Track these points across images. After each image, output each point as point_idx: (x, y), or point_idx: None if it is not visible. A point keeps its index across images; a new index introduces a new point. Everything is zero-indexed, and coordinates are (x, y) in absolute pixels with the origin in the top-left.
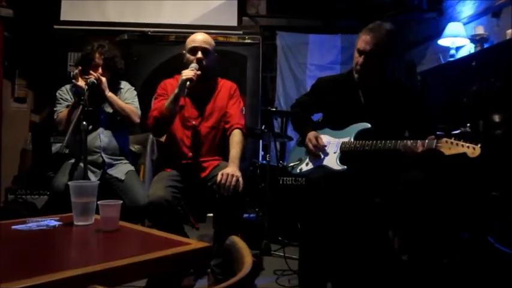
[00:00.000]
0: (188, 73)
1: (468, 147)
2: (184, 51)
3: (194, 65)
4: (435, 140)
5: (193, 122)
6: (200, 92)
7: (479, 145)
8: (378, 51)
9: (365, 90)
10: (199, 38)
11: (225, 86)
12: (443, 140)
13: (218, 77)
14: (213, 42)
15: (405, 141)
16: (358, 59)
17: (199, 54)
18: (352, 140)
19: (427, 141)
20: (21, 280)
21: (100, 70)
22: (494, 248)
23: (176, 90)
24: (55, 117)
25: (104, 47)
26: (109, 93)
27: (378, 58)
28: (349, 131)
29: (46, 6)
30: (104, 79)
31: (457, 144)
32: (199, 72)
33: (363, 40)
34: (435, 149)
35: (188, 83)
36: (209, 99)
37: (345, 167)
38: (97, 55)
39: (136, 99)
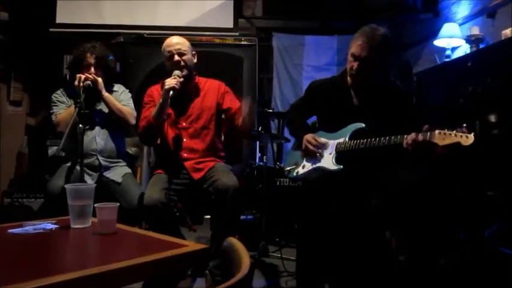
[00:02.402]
0: (171, 82)
1: (461, 136)
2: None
3: (177, 73)
4: (428, 132)
5: (184, 124)
6: (186, 92)
7: (472, 133)
8: (372, 57)
9: (357, 92)
10: (172, 42)
11: (212, 86)
12: (436, 131)
13: (201, 77)
14: (187, 43)
15: (399, 136)
16: (353, 63)
17: (176, 57)
18: (347, 140)
19: (421, 133)
20: (18, 284)
21: (92, 69)
22: (491, 247)
23: (161, 100)
24: (53, 118)
25: (95, 47)
26: (106, 94)
27: (371, 63)
28: (344, 131)
29: (41, 9)
30: (100, 80)
31: (450, 134)
32: (182, 80)
33: (358, 45)
34: (429, 141)
35: (171, 92)
36: (196, 99)
37: (341, 166)
38: (88, 55)
39: (131, 101)
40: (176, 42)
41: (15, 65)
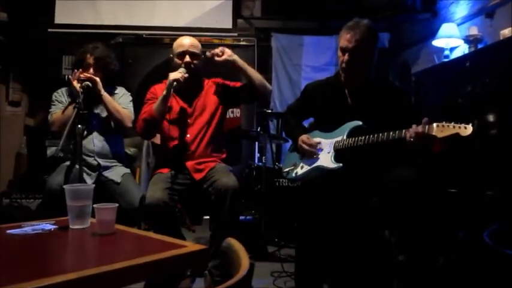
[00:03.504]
0: (176, 75)
1: (460, 127)
2: (171, 55)
3: (182, 69)
4: (427, 126)
5: (188, 121)
6: (191, 91)
7: (470, 124)
8: (360, 47)
9: (351, 90)
10: (186, 42)
11: (211, 83)
12: (434, 124)
13: (204, 78)
14: (199, 45)
15: (397, 131)
16: (343, 57)
17: (188, 58)
18: (345, 138)
19: (420, 126)
20: (17, 284)
21: (91, 70)
22: (490, 247)
23: (164, 92)
24: (49, 118)
25: (97, 48)
26: (104, 93)
27: (361, 54)
28: (342, 130)
29: (40, 9)
30: (98, 79)
31: (448, 126)
32: (186, 75)
33: (345, 38)
34: (428, 134)
35: (175, 83)
36: (200, 96)
37: (340, 164)
38: (88, 55)
39: (131, 105)
40: (191, 44)
41: (14, 66)
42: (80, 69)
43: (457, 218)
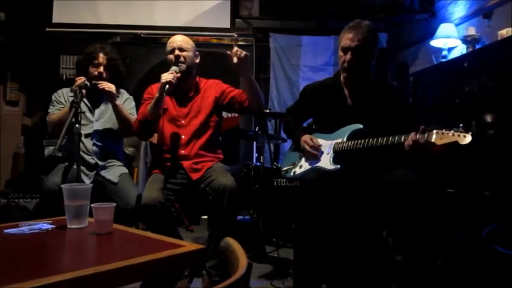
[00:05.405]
0: (167, 76)
1: (459, 135)
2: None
3: (175, 68)
4: (426, 133)
5: (183, 121)
6: (186, 90)
7: (469, 132)
8: (362, 46)
9: (351, 91)
10: (175, 39)
11: (210, 84)
12: (434, 131)
13: (202, 78)
14: (191, 42)
15: (397, 136)
16: (344, 56)
17: (176, 52)
18: (345, 140)
19: (419, 133)
20: (15, 284)
21: (101, 69)
22: (488, 247)
23: (157, 94)
24: (47, 118)
25: (105, 48)
26: (118, 102)
27: (362, 53)
28: (342, 132)
29: (38, 8)
30: (113, 87)
31: (447, 134)
32: (179, 75)
33: (347, 38)
34: (427, 141)
35: (167, 86)
36: (196, 97)
37: (338, 166)
38: (101, 55)
39: (134, 110)
40: (179, 40)
41: (11, 65)
42: (103, 86)
43: (455, 218)
